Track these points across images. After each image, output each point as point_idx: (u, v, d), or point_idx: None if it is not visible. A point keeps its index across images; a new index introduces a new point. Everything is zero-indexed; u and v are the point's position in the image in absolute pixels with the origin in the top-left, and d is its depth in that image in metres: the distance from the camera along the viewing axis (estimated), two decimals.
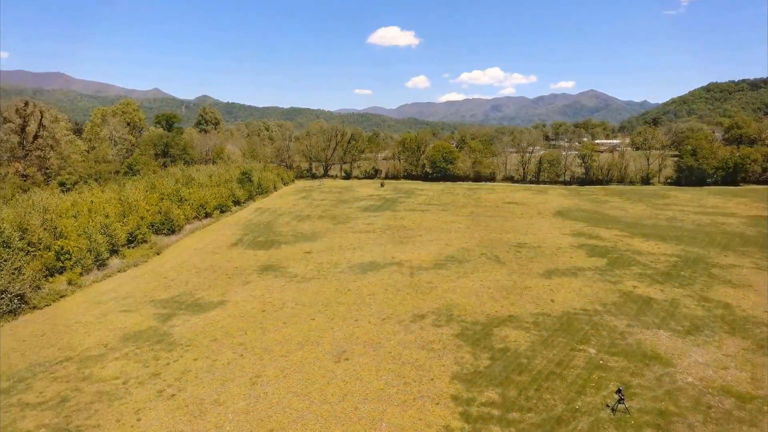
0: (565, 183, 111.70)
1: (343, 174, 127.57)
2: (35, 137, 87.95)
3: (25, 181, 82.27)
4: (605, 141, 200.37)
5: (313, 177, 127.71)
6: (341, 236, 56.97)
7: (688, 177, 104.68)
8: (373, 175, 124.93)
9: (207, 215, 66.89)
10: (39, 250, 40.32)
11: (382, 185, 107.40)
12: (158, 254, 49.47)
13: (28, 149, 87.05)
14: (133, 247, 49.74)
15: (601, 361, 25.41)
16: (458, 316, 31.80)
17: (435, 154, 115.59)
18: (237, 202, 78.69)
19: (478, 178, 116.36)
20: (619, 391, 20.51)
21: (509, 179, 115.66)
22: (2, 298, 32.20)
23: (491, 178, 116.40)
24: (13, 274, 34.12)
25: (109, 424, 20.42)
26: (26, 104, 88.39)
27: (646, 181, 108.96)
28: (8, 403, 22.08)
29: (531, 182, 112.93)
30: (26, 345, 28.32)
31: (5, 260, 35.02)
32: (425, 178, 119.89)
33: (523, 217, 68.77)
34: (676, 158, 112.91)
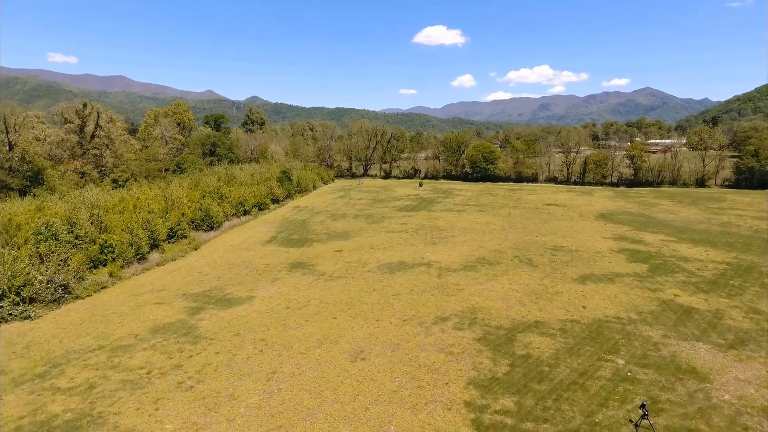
0: (612, 184, 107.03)
1: (383, 174, 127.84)
2: (92, 137, 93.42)
3: (82, 178, 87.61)
4: (659, 141, 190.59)
5: (353, 176, 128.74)
6: (373, 235, 57.01)
7: (748, 179, 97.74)
8: (412, 175, 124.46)
9: (246, 212, 68.75)
10: (85, 243, 42.67)
11: (420, 185, 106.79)
12: (196, 249, 51.28)
13: (86, 148, 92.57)
14: (173, 242, 51.81)
15: (629, 373, 24.01)
16: (482, 320, 31.00)
17: (475, 154, 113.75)
18: (276, 200, 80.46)
19: (519, 178, 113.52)
20: (643, 406, 19.26)
21: (552, 180, 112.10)
22: (48, 288, 34.28)
23: (533, 179, 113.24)
24: (59, 265, 36.29)
25: (128, 411, 21.24)
26: (85, 106, 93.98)
27: (701, 183, 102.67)
28: (42, 387, 23.43)
29: (576, 183, 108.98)
30: (65, 332, 29.99)
31: (53, 252, 37.33)
32: (465, 178, 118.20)
33: (563, 219, 66.40)
34: (735, 159, 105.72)
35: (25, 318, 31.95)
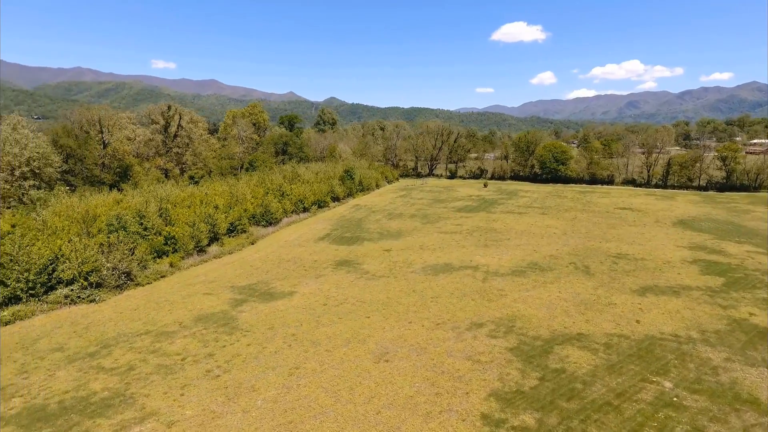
0: (699, 188, 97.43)
1: (448, 173, 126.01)
2: (175, 136, 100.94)
3: (164, 174, 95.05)
4: (764, 140, 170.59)
5: (418, 176, 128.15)
6: (426, 236, 56.25)
7: None
8: (478, 175, 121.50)
9: (305, 210, 70.76)
10: (151, 234, 46.06)
11: (485, 185, 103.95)
12: (253, 244, 53.56)
13: (169, 147, 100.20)
14: (233, 236, 54.50)
15: (675, 398, 21.53)
16: (520, 329, 29.38)
17: (545, 154, 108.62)
18: (336, 198, 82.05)
19: (593, 180, 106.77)
20: None
21: (630, 182, 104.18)
22: (113, 274, 37.38)
23: (609, 181, 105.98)
24: (125, 254, 39.44)
25: (157, 394, 22.51)
26: (169, 108, 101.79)
27: None
28: (89, 365, 25.52)
29: (657, 186, 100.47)
30: (121, 317, 32.51)
31: (120, 242, 40.66)
32: (534, 179, 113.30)
33: (634, 224, 61.44)
34: None
35: (90, 301, 35.09)
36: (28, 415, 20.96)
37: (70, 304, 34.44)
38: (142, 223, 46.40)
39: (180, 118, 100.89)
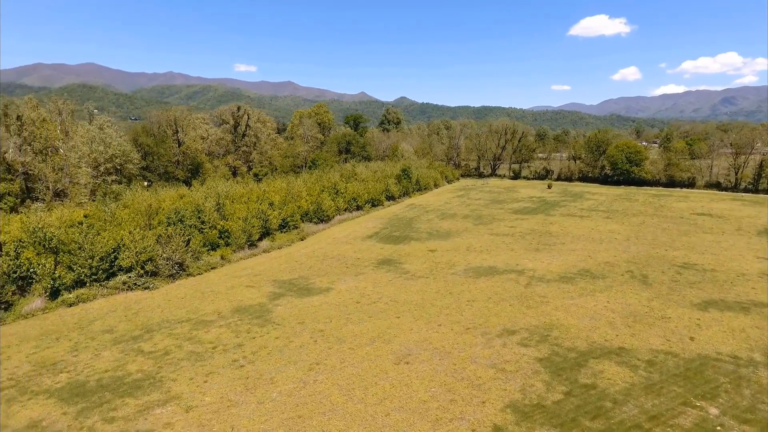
0: None
1: (511, 174, 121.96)
2: (243, 135, 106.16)
3: (232, 172, 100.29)
4: None
5: (480, 176, 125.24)
6: (475, 237, 54.77)
7: None
8: (543, 175, 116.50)
9: (358, 208, 71.53)
10: (207, 227, 48.67)
11: (549, 187, 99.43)
12: (302, 240, 54.96)
13: (237, 145, 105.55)
14: (284, 232, 56.29)
15: (718, 428, 19.22)
16: (555, 338, 27.69)
17: (617, 155, 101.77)
18: (391, 198, 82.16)
19: (671, 183, 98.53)
20: None
21: (714, 186, 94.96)
22: (167, 264, 39.92)
23: (690, 184, 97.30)
24: (179, 245, 41.96)
25: (183, 380, 23.67)
26: (238, 108, 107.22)
27: None
28: (130, 348, 27.39)
29: (747, 191, 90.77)
30: (168, 304, 34.62)
31: (177, 234, 43.30)
32: (604, 181, 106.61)
33: (711, 232, 55.92)
34: None
35: (145, 288, 37.71)
36: (69, 390, 22.87)
37: (127, 290, 37.23)
38: (199, 217, 49.17)
39: (248, 118, 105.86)
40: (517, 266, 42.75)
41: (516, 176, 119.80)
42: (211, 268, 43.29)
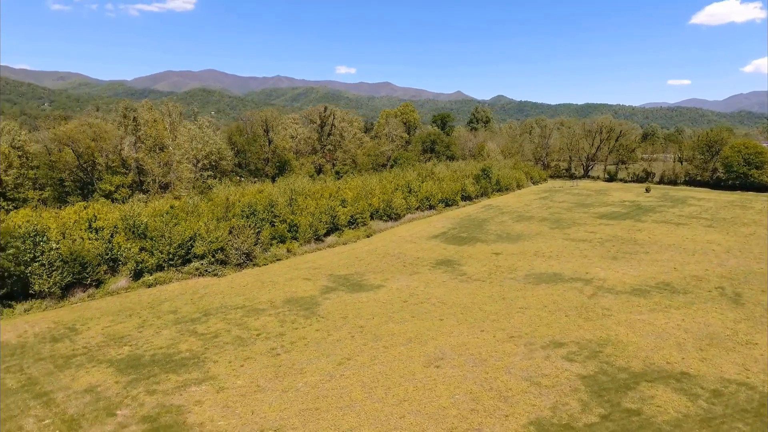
0: None
1: (606, 176, 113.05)
2: (328, 134, 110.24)
3: (317, 170, 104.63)
4: None
5: (571, 177, 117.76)
6: (547, 241, 51.65)
7: None
8: (643, 178, 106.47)
9: (431, 207, 70.86)
10: (278, 221, 51.28)
11: (647, 190, 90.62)
12: (368, 237, 55.76)
13: (323, 144, 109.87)
14: (352, 228, 57.49)
15: None
16: (606, 356, 25.21)
17: (732, 156, 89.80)
18: (468, 198, 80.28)
19: None
20: None
21: None
22: (236, 254, 42.74)
23: None
24: (249, 236, 44.71)
25: (223, 362, 25.21)
26: (325, 108, 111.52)
27: None
28: (187, 328, 29.75)
29: None
30: (230, 291, 37.07)
31: (248, 226, 46.18)
32: (716, 185, 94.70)
33: None
34: None
35: (214, 275, 40.74)
36: (127, 362, 25.45)
37: (198, 275, 40.51)
38: (271, 211, 51.97)
39: (333, 118, 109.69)
40: (585, 274, 39.60)
41: (611, 178, 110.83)
42: (277, 260, 45.54)
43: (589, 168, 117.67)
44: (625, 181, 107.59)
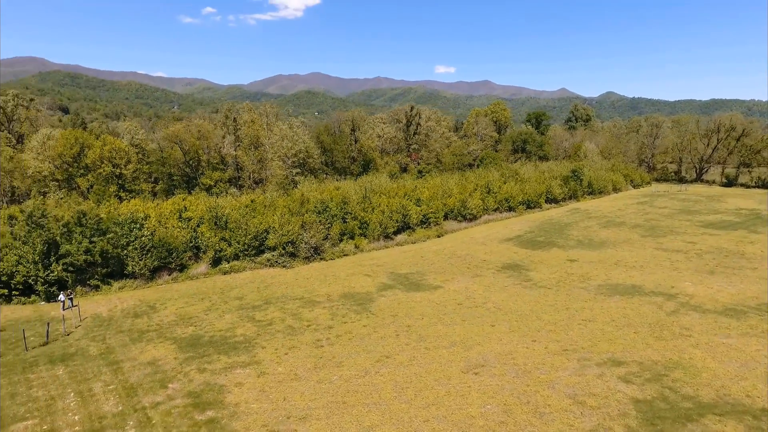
0: None
1: (724, 180, 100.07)
2: (414, 134, 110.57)
3: (402, 168, 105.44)
4: None
5: (680, 181, 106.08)
6: (634, 250, 47.14)
7: None
8: None
9: (510, 209, 68.06)
10: (350, 218, 52.61)
11: None
12: (439, 237, 55.08)
13: (409, 143, 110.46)
14: (424, 227, 57.18)
15: None
16: (673, 380, 22.43)
17: None
18: (553, 200, 75.86)
19: None
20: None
21: None
22: (305, 247, 44.66)
23: None
24: (319, 231, 46.44)
25: (270, 348, 26.52)
26: (411, 108, 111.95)
27: None
28: (246, 314, 31.73)
29: None
30: (295, 282, 38.83)
31: (320, 222, 48.00)
32: None
33: None
34: None
35: (283, 267, 42.96)
36: (188, 341, 27.83)
37: (269, 266, 42.98)
38: (344, 208, 53.47)
39: (419, 117, 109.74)
40: (671, 288, 35.54)
41: (730, 183, 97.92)
42: (344, 255, 46.79)
43: (703, 171, 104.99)
44: (747, 187, 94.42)
